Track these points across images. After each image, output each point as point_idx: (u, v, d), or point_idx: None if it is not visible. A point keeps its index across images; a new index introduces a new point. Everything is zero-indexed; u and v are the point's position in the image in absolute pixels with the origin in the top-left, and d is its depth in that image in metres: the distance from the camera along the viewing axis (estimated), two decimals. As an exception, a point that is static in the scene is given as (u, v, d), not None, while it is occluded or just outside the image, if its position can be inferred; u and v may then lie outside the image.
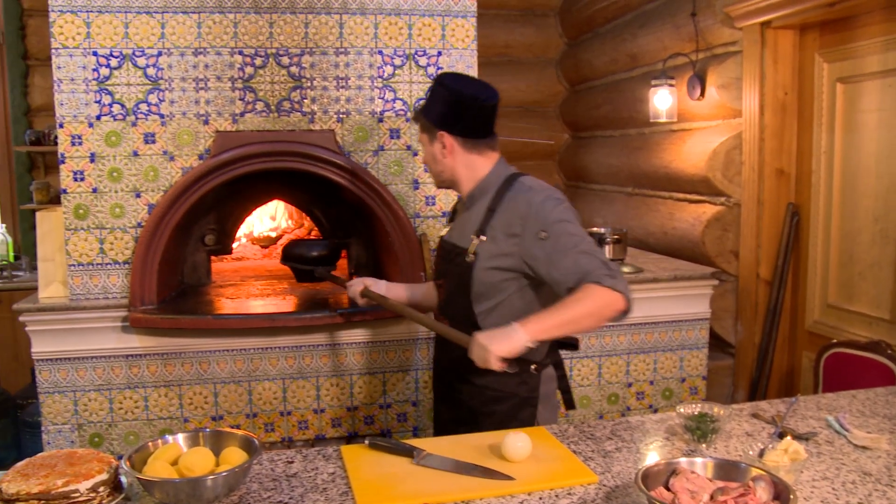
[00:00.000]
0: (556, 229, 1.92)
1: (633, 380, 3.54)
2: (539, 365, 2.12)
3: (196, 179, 2.99)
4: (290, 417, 3.21)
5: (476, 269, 2.02)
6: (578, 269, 1.88)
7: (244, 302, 3.22)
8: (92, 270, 3.01)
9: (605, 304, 1.84)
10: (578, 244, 1.91)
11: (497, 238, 2.00)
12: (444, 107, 2.06)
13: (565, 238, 1.92)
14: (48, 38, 3.96)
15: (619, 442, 1.81)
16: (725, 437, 1.83)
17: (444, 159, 2.11)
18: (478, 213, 2.06)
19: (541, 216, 1.94)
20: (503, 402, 2.09)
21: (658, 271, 3.52)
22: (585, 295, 1.85)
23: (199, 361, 3.10)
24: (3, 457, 4.13)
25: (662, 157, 4.16)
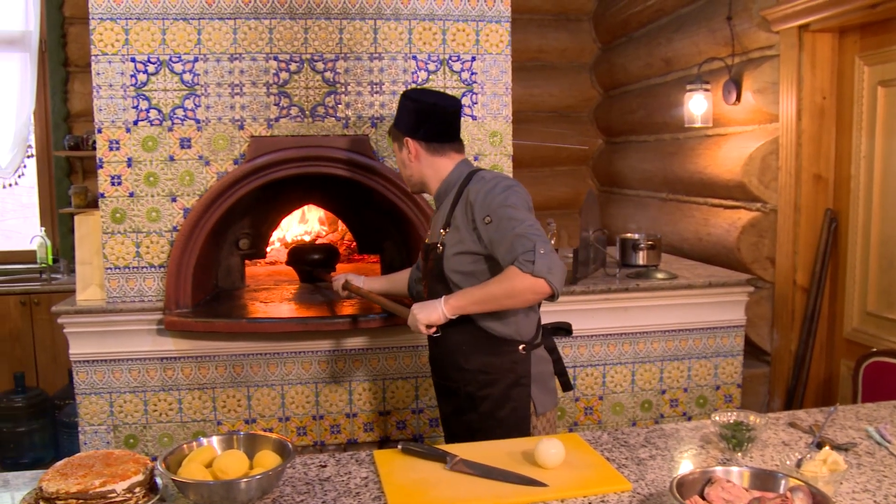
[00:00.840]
0: (498, 213, 2.08)
1: (667, 387, 3.51)
2: (527, 345, 2.19)
3: (231, 184, 3.02)
4: (322, 421, 3.23)
5: (445, 258, 2.20)
6: (511, 250, 2.04)
7: (278, 306, 3.24)
8: (128, 274, 3.07)
9: (525, 287, 2.01)
10: (516, 227, 2.05)
11: (459, 227, 2.17)
12: (408, 116, 2.29)
13: (505, 222, 2.07)
14: (88, 45, 4.07)
15: (653, 449, 1.80)
16: (761, 446, 1.81)
17: (412, 163, 2.32)
18: (444, 210, 2.26)
19: (486, 202, 2.11)
20: (496, 384, 2.18)
21: (692, 277, 3.49)
22: (505, 277, 2.04)
23: (232, 365, 3.14)
24: (42, 456, 4.23)
25: (697, 163, 4.12)
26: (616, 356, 3.45)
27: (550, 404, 2.25)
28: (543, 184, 5.69)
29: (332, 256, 3.81)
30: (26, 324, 4.60)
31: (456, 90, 3.19)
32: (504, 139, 3.28)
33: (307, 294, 3.51)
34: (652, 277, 3.47)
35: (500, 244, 2.07)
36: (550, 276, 1.99)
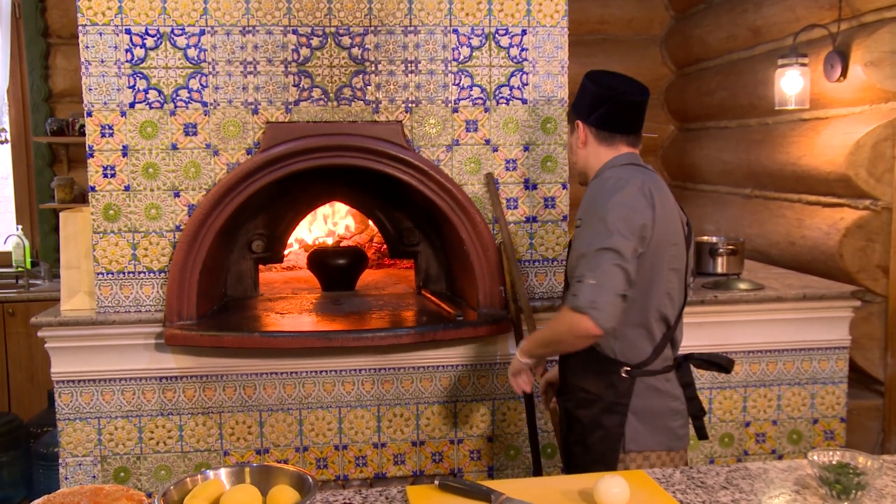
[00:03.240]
0: (588, 221, 2.19)
1: (752, 418, 3.50)
2: (633, 370, 2.22)
3: (243, 177, 3.07)
4: (346, 452, 3.27)
5: (570, 258, 2.27)
6: (572, 276, 2.18)
7: (296, 318, 3.29)
8: (123, 280, 3.13)
9: (568, 329, 2.14)
10: (592, 245, 2.14)
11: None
12: (584, 97, 2.42)
13: (586, 234, 2.17)
14: (73, 12, 4.07)
15: (735, 492, 1.80)
16: (876, 495, 1.78)
17: (579, 150, 2.45)
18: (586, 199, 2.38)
19: (588, 203, 2.24)
20: (591, 405, 2.27)
21: (783, 289, 3.48)
22: (557, 317, 2.21)
23: (243, 385, 3.19)
24: (11, 495, 4.18)
25: (790, 152, 4.10)
26: (691, 381, 3.43)
27: (654, 445, 2.26)
28: (604, 177, 5.67)
29: (358, 261, 3.86)
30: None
31: (503, 69, 3.23)
32: (559, 126, 3.29)
33: (330, 304, 3.55)
34: (733, 288, 3.46)
35: (572, 255, 2.21)
36: (594, 311, 2.06)
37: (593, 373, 2.28)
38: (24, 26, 5.16)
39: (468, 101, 3.23)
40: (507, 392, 3.31)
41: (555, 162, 3.30)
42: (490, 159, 3.27)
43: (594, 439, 2.25)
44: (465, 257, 3.24)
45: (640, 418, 2.24)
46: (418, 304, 3.52)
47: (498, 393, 3.31)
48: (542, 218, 3.33)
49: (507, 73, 3.23)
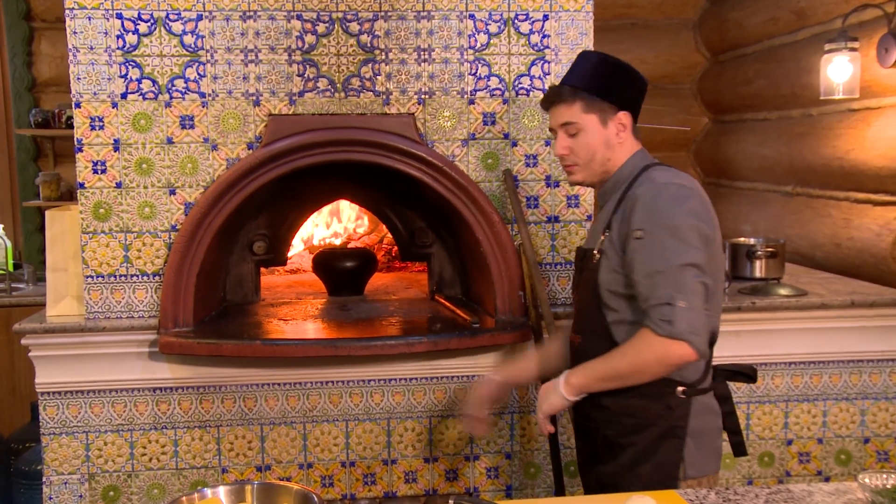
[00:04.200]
0: (654, 232, 2.13)
1: (795, 436, 3.48)
2: (689, 389, 2.19)
3: (244, 174, 3.08)
4: (353, 469, 3.27)
5: (602, 270, 2.25)
6: (649, 293, 2.11)
7: (300, 324, 3.30)
8: (114, 283, 3.15)
9: (657, 358, 2.09)
10: (669, 260, 2.08)
11: (618, 234, 2.22)
12: (615, 81, 2.33)
13: (658, 248, 2.11)
14: None
15: (778, 514, 1.80)
16: None
17: (616, 144, 2.33)
18: (608, 209, 2.31)
19: (648, 211, 2.15)
20: (643, 431, 2.21)
21: (828, 295, 3.46)
22: (636, 345, 2.13)
23: (243, 397, 3.20)
24: None
25: (837, 146, 4.08)
26: (727, 395, 3.42)
27: (710, 468, 2.25)
28: (632, 173, 5.66)
29: (367, 264, 3.87)
30: (-24, 346, 4.63)
31: (523, 57, 3.23)
32: (585, 117, 3.29)
33: (337, 310, 3.56)
34: (773, 294, 3.44)
35: (640, 276, 2.13)
36: (695, 336, 2.05)
37: (647, 396, 2.19)
38: (5, 9, 5.16)
39: (485, 92, 3.23)
40: (527, 405, 3.30)
41: (579, 157, 3.29)
42: (509, 155, 3.27)
43: (648, 468, 2.19)
44: (481, 260, 3.25)
45: (696, 441, 2.21)
46: (431, 311, 3.52)
47: (517, 406, 3.31)
48: (564, 218, 3.33)
49: (528, 61, 3.23)
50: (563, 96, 2.32)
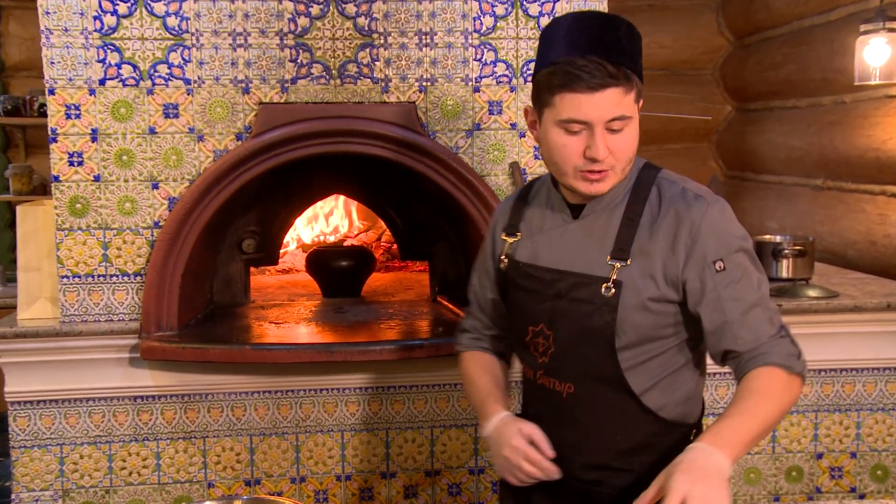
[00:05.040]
0: (735, 262, 1.94)
1: (826, 449, 3.45)
2: (697, 428, 2.11)
3: (232, 167, 3.06)
4: (349, 483, 3.25)
5: (623, 307, 1.96)
6: (754, 334, 1.92)
7: (293, 328, 3.29)
8: (91, 284, 3.12)
9: (794, 400, 1.92)
10: (760, 289, 1.95)
11: (653, 259, 1.96)
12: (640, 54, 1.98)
13: (745, 281, 1.94)
14: None
15: (808, 536, 1.78)
16: None
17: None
18: (606, 223, 2.02)
19: (720, 236, 1.94)
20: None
21: (861, 297, 3.43)
22: (774, 386, 1.88)
23: (231, 406, 3.18)
24: None
25: (872, 136, 4.06)
26: (752, 405, 3.40)
27: None
28: (650, 166, 5.65)
29: (364, 264, 3.86)
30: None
31: (532, 42, 3.19)
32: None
33: (332, 313, 3.55)
34: (801, 295, 3.42)
35: (736, 315, 1.91)
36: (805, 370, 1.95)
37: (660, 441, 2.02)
38: (-33, -15, 5.15)
39: (491, 79, 3.21)
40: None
41: (593, 148, 3.27)
42: (516, 146, 3.25)
43: None
44: (488, 259, 3.22)
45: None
46: (433, 313, 3.51)
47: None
48: (578, 213, 3.30)
49: (537, 46, 3.19)
50: (619, 80, 1.88)
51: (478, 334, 2.34)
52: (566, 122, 1.89)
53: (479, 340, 2.33)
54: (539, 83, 1.95)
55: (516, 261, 2.12)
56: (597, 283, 1.98)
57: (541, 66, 1.96)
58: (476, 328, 2.34)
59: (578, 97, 1.86)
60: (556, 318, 2.03)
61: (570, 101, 1.87)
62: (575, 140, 1.91)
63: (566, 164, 1.93)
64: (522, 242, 2.13)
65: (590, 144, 1.89)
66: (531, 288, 2.08)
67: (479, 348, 2.33)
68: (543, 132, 1.96)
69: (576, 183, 1.95)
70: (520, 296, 2.11)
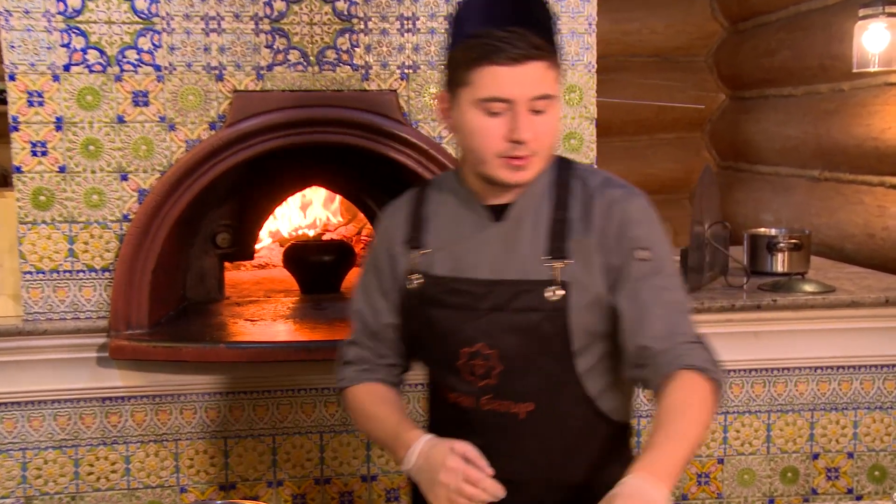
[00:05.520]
0: (660, 255, 1.91)
1: (822, 449, 3.46)
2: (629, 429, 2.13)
3: (206, 157, 3.04)
4: (328, 487, 3.24)
5: (574, 311, 1.89)
6: (671, 331, 1.84)
7: (270, 325, 3.27)
8: (57, 280, 3.10)
9: (714, 412, 1.82)
10: (681, 288, 1.92)
11: (591, 252, 1.90)
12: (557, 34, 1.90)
13: (669, 277, 1.90)
14: None
15: (805, 542, 1.77)
16: None
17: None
18: (533, 221, 1.94)
19: (648, 226, 1.92)
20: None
21: (859, 292, 3.43)
22: (698, 398, 1.77)
23: (204, 407, 3.17)
24: None
25: (871, 125, 4.06)
26: (744, 402, 3.41)
27: None
28: (640, 158, 5.64)
29: (344, 258, 3.85)
30: None
31: (520, 23, 3.18)
32: (585, 96, 3.25)
33: (310, 309, 3.55)
34: (796, 290, 3.42)
35: (659, 309, 1.85)
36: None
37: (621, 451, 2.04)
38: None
39: (477, 65, 3.19)
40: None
41: (580, 139, 3.26)
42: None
43: None
44: (472, 253, 3.21)
45: None
46: (416, 310, 3.49)
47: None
48: (566, 205, 3.29)
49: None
50: (544, 52, 1.81)
51: (367, 365, 2.11)
52: (486, 101, 1.79)
53: (369, 372, 2.11)
54: (453, 61, 1.84)
55: (435, 276, 1.96)
56: (539, 288, 1.89)
57: (452, 44, 1.85)
58: (365, 359, 2.11)
59: (500, 71, 1.76)
60: (497, 334, 1.91)
61: (490, 76, 1.77)
62: (496, 122, 1.80)
63: (486, 150, 1.82)
64: (436, 255, 1.97)
65: (513, 126, 1.79)
66: (459, 304, 1.94)
67: (370, 380, 2.10)
68: (459, 116, 1.84)
69: (497, 171, 1.84)
70: (444, 315, 1.95)
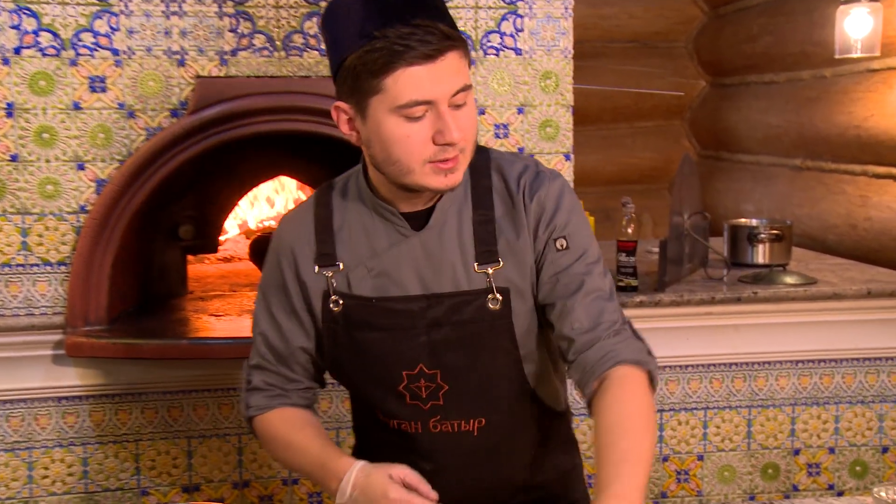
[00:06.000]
0: (579, 241, 1.83)
1: (803, 445, 3.47)
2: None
3: (167, 146, 3.02)
4: (296, 488, 3.23)
5: (519, 317, 1.85)
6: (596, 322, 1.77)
7: (236, 320, 3.25)
8: (9, 275, 3.06)
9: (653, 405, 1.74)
10: (599, 268, 1.83)
11: (523, 252, 1.84)
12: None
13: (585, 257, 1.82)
14: None
15: (784, 541, 1.78)
16: None
17: None
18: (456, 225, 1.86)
19: (562, 213, 1.83)
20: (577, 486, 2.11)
21: (841, 284, 3.45)
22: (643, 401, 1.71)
23: (166, 406, 3.14)
24: None
25: (853, 112, 4.08)
26: (723, 397, 3.42)
27: None
28: (619, 146, 5.66)
29: None
30: None
31: (492, 11, 3.18)
32: (561, 83, 3.25)
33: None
34: (778, 282, 3.44)
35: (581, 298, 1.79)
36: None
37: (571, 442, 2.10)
38: None
39: (448, 50, 3.18)
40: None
41: (556, 127, 3.25)
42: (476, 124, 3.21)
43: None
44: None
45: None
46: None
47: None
48: (541, 196, 3.29)
49: (498, 16, 3.18)
50: (456, 41, 1.69)
51: (277, 391, 1.97)
52: (405, 108, 1.65)
53: (280, 397, 1.97)
54: (354, 70, 1.67)
55: (359, 297, 1.85)
56: (479, 298, 1.82)
57: (347, 49, 1.68)
58: (273, 384, 1.97)
59: (415, 71, 1.63)
60: (438, 352, 1.84)
61: (406, 79, 1.63)
62: (418, 127, 1.67)
63: (412, 159, 1.69)
64: (354, 273, 1.85)
65: (439, 128, 1.67)
66: (392, 326, 1.84)
67: (283, 405, 1.97)
68: (373, 127, 1.70)
69: (426, 180, 1.71)
70: (377, 339, 1.85)
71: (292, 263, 1.89)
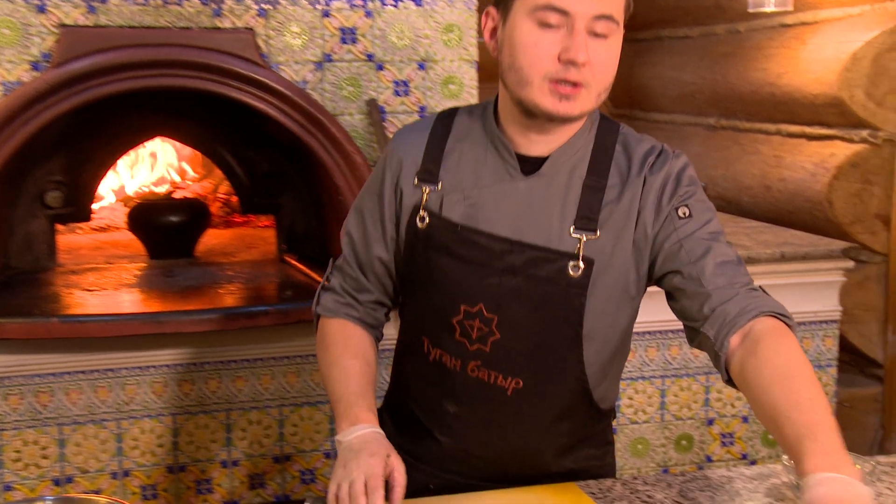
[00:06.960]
0: (701, 210, 1.89)
1: (717, 415, 3.56)
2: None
3: (29, 103, 2.95)
4: (183, 475, 3.22)
5: (593, 290, 1.88)
6: (731, 281, 1.82)
7: (112, 295, 3.23)
8: None
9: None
10: (729, 245, 1.89)
11: (621, 231, 1.88)
12: None
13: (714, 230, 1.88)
14: None
15: (693, 510, 1.83)
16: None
17: None
18: (566, 183, 1.89)
19: (683, 187, 1.88)
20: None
21: (755, 247, 3.53)
22: (802, 358, 1.71)
23: (34, 391, 3.09)
24: None
25: (767, 69, 4.15)
26: (637, 367, 3.48)
27: None
28: (528, 105, 5.68)
29: (198, 219, 3.82)
30: None
31: (389, -45, 3.20)
32: (465, 36, 3.28)
33: (160, 277, 3.51)
34: (693, 247, 3.50)
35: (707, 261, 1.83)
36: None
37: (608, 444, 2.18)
38: None
39: (344, 2, 3.19)
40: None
41: (459, 84, 3.29)
42: (374, 80, 3.24)
43: None
44: (341, 210, 3.17)
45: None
46: (281, 274, 3.51)
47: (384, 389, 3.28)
48: (443, 157, 3.31)
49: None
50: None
51: (348, 298, 2.06)
52: (543, 10, 1.72)
53: (348, 306, 2.06)
54: None
55: (447, 221, 1.91)
56: (562, 260, 1.86)
57: None
58: (347, 290, 2.06)
59: None
60: (503, 299, 1.88)
61: None
62: (550, 37, 1.73)
63: (534, 69, 1.75)
64: (450, 196, 1.91)
65: (568, 45, 1.72)
66: (470, 258, 1.90)
67: (348, 317, 2.06)
68: (509, 31, 1.78)
69: (541, 98, 1.76)
70: (451, 266, 1.91)
71: (396, 172, 1.97)
